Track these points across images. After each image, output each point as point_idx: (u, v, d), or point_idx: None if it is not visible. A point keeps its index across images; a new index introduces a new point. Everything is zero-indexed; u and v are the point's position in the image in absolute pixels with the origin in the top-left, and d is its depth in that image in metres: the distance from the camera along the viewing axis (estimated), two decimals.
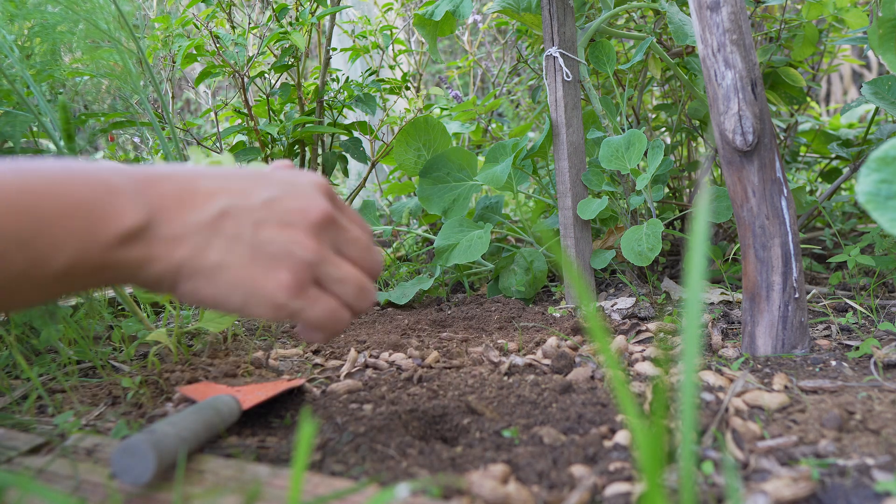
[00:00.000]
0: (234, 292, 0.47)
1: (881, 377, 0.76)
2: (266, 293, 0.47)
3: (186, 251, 0.45)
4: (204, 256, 0.46)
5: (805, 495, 0.52)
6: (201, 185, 0.47)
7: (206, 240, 0.46)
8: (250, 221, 0.47)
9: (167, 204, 0.46)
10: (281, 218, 0.48)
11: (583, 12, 1.38)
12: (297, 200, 0.50)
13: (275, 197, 0.49)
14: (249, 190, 0.49)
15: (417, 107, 1.53)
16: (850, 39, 1.17)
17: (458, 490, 0.54)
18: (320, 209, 0.50)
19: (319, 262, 0.49)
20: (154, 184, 0.46)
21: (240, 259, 0.47)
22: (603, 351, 0.33)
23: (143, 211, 0.44)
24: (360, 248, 0.53)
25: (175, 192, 0.46)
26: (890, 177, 0.55)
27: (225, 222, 0.47)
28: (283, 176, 0.52)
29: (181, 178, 0.47)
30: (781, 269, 0.85)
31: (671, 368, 0.38)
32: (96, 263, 0.43)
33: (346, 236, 0.53)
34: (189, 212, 0.46)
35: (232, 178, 0.50)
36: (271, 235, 0.48)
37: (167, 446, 0.54)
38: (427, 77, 3.17)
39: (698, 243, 0.33)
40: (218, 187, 0.48)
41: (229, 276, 0.46)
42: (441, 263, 1.26)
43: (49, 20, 1.02)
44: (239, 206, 0.47)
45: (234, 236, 0.47)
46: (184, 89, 2.51)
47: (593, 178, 1.19)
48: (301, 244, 0.48)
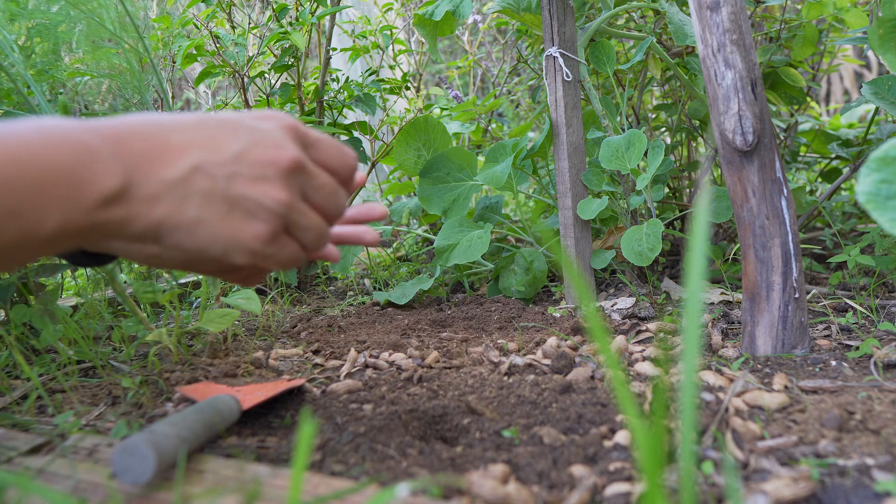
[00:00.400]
0: (214, 243, 0.49)
1: (881, 377, 0.76)
2: (243, 243, 0.50)
3: (164, 209, 0.47)
4: (181, 213, 0.47)
5: (805, 495, 0.52)
6: (172, 139, 0.48)
7: (182, 197, 0.47)
8: (223, 175, 0.49)
9: (141, 162, 0.47)
10: (252, 171, 0.50)
11: (583, 12, 1.38)
12: (267, 150, 0.51)
13: (245, 148, 0.50)
14: (219, 142, 0.50)
15: (417, 107, 1.53)
16: (850, 39, 1.17)
17: (458, 490, 0.54)
18: (288, 158, 0.52)
19: (289, 212, 0.52)
20: (126, 141, 0.47)
21: (216, 213, 0.49)
22: (603, 351, 0.33)
23: (121, 172, 0.45)
24: (325, 193, 0.55)
25: (147, 149, 0.47)
26: (890, 177, 0.55)
27: (198, 178, 0.48)
28: (251, 122, 0.53)
29: (151, 132, 0.48)
30: (781, 269, 0.85)
31: (671, 368, 0.38)
32: (81, 225, 0.44)
33: (314, 183, 0.54)
34: (163, 169, 0.47)
35: (201, 128, 0.50)
36: (244, 189, 0.49)
37: (167, 446, 0.54)
38: (427, 77, 3.17)
39: (698, 243, 0.33)
40: (188, 141, 0.49)
41: (208, 230, 0.48)
42: (441, 263, 1.26)
43: (50, 20, 1.02)
44: (210, 161, 0.49)
45: (209, 191, 0.48)
46: (184, 89, 2.51)
47: (593, 178, 1.19)
48: (272, 197, 0.50)
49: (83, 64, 1.17)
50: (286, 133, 0.53)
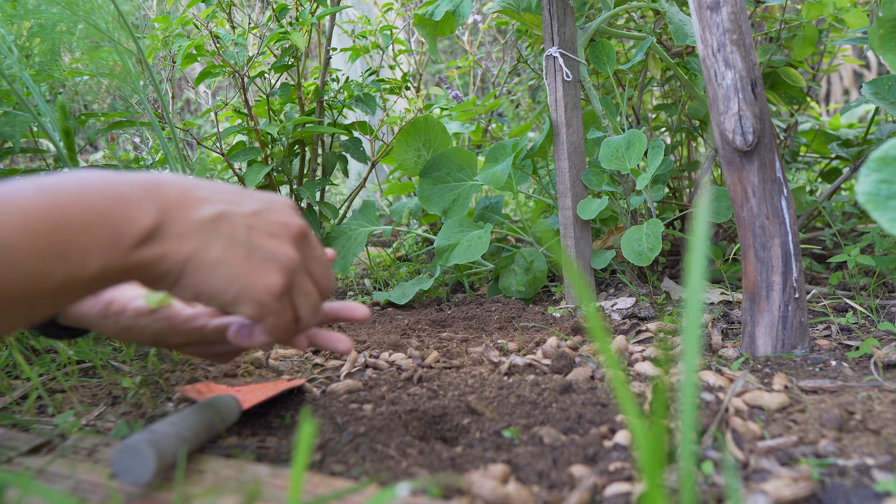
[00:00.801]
0: (230, 286, 0.52)
1: (881, 377, 0.76)
2: (256, 291, 0.53)
3: (192, 246, 0.50)
4: (207, 252, 0.51)
5: (805, 495, 0.52)
6: (198, 191, 0.53)
7: (209, 237, 0.51)
8: (244, 225, 0.53)
9: (173, 205, 0.51)
10: (268, 228, 0.55)
11: (583, 12, 1.38)
12: (279, 215, 0.56)
13: (260, 209, 0.55)
14: (238, 200, 0.55)
15: (417, 107, 1.53)
16: (850, 39, 1.17)
17: (458, 490, 0.54)
18: (298, 225, 0.57)
19: (297, 271, 0.56)
20: (159, 188, 0.51)
21: (237, 257, 0.52)
22: (603, 351, 0.33)
23: (155, 212, 0.49)
24: (321, 266, 0.60)
25: (178, 195, 0.52)
26: (890, 177, 0.55)
27: (222, 223, 0.52)
28: (260, 195, 0.58)
29: (180, 184, 0.53)
30: (781, 269, 0.85)
31: (671, 368, 0.38)
32: (121, 266, 0.48)
33: (313, 254, 0.59)
34: (192, 211, 0.51)
35: (222, 189, 0.55)
36: (262, 241, 0.54)
37: (167, 446, 0.54)
38: (427, 77, 3.17)
39: (698, 243, 0.33)
40: (213, 194, 0.54)
41: (227, 272, 0.52)
42: (441, 263, 1.26)
43: (48, 20, 1.02)
44: (232, 212, 0.53)
45: (231, 236, 0.52)
46: (184, 89, 2.51)
47: (593, 178, 1.19)
48: (286, 253, 0.55)
49: (81, 64, 1.17)
50: (291, 208, 0.59)
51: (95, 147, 3.37)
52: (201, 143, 1.48)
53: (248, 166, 1.40)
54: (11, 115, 1.05)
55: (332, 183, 1.54)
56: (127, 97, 1.14)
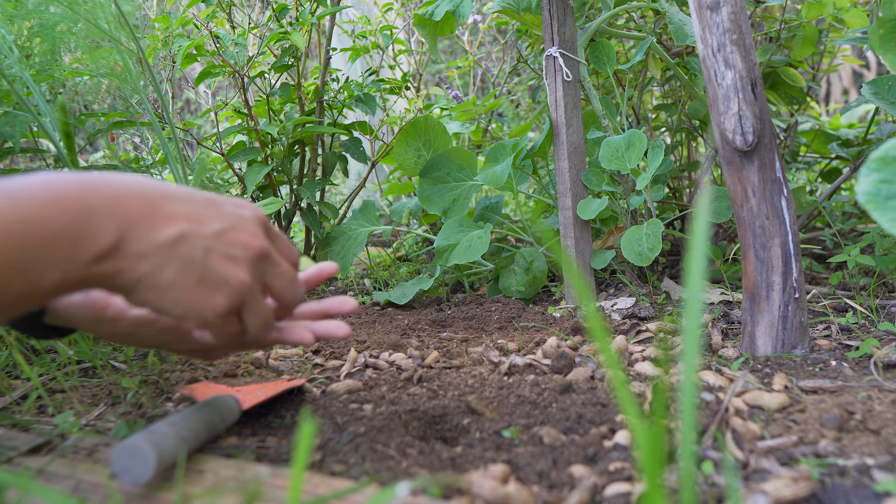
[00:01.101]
0: (177, 306, 0.54)
1: (881, 377, 0.76)
2: (201, 312, 0.55)
3: (147, 268, 0.52)
4: (160, 274, 0.52)
5: (805, 495, 0.52)
6: (165, 207, 0.54)
7: (165, 259, 0.52)
8: (202, 248, 0.54)
9: (135, 222, 0.52)
10: (226, 250, 0.56)
11: (583, 12, 1.38)
12: (242, 234, 0.57)
13: (224, 229, 0.56)
14: (204, 218, 0.56)
15: (417, 107, 1.53)
16: (850, 39, 1.17)
17: (458, 490, 0.54)
18: (258, 246, 0.58)
19: (247, 293, 0.57)
20: (123, 201, 0.52)
21: (188, 280, 0.54)
22: (603, 351, 0.33)
23: (116, 230, 0.50)
24: (285, 280, 0.61)
25: (142, 210, 0.52)
26: (890, 177, 0.55)
27: (181, 245, 0.53)
28: (231, 209, 0.59)
29: (147, 196, 0.53)
30: (781, 269, 0.85)
31: (671, 368, 0.38)
32: (77, 279, 0.49)
33: (275, 270, 0.60)
34: (153, 231, 0.52)
35: (191, 202, 0.56)
36: (217, 264, 0.55)
37: (167, 446, 0.54)
38: (427, 77, 3.17)
39: (698, 243, 0.33)
40: (178, 211, 0.54)
41: (176, 294, 0.53)
42: (441, 263, 1.26)
43: (49, 20, 1.02)
44: (194, 233, 0.54)
45: (187, 260, 0.54)
46: (184, 89, 2.51)
47: (593, 178, 1.19)
48: (238, 277, 0.56)
49: (82, 64, 1.17)
50: (257, 223, 0.59)
51: (95, 147, 3.37)
52: (201, 143, 1.48)
53: (248, 166, 1.40)
54: (11, 115, 1.05)
55: (332, 183, 1.54)
56: (127, 97, 1.14)
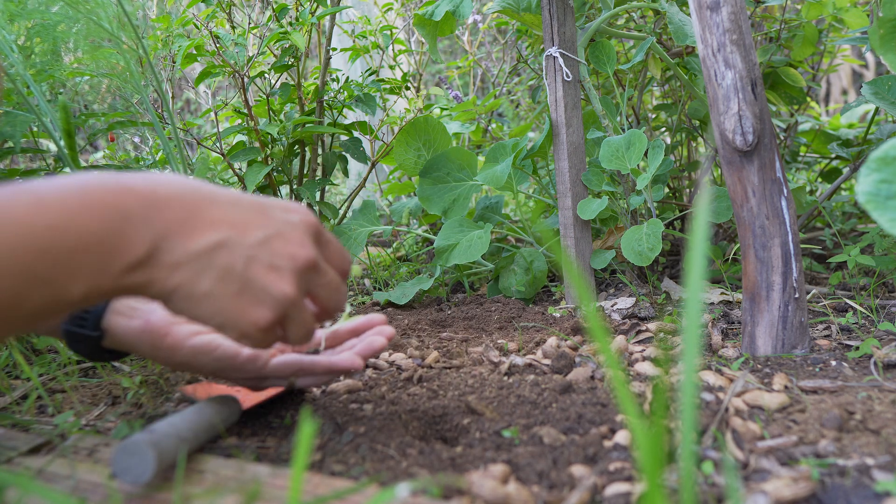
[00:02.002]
0: (215, 317, 0.51)
1: (881, 377, 0.76)
2: (241, 324, 0.52)
3: (182, 277, 0.49)
4: (196, 284, 0.50)
5: (805, 495, 0.52)
6: (205, 213, 0.51)
7: (201, 269, 0.50)
8: (243, 257, 0.51)
9: (172, 229, 0.49)
10: (271, 259, 0.53)
11: (583, 12, 1.38)
12: (288, 244, 0.54)
13: (269, 237, 0.53)
14: (248, 225, 0.53)
15: (417, 107, 1.53)
16: (850, 39, 1.17)
17: (458, 490, 0.54)
18: (306, 257, 0.55)
19: (290, 306, 0.54)
20: (163, 206, 0.49)
21: (228, 291, 0.51)
22: (603, 351, 0.33)
23: (150, 239, 0.48)
24: (329, 290, 0.59)
25: (181, 217, 0.49)
26: (890, 177, 0.55)
27: (220, 253, 0.50)
28: (279, 215, 0.55)
29: (188, 201, 0.50)
30: (781, 269, 0.85)
31: (671, 368, 0.38)
32: (105, 290, 0.47)
33: (321, 280, 0.58)
34: (190, 239, 0.49)
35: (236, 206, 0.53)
36: (259, 275, 0.52)
37: (167, 446, 0.54)
38: (427, 77, 3.17)
39: (698, 243, 0.33)
40: (221, 217, 0.51)
41: (215, 304, 0.51)
42: (441, 263, 1.26)
43: (50, 20, 1.02)
44: (235, 241, 0.51)
45: (227, 268, 0.51)
46: (184, 89, 2.51)
47: (593, 178, 1.19)
48: (281, 289, 0.53)
49: (82, 64, 1.17)
50: (307, 231, 0.56)
51: (95, 147, 3.36)
52: (201, 143, 1.48)
53: (248, 166, 1.40)
54: (12, 115, 1.05)
55: (332, 183, 1.54)
56: (128, 97, 1.14)
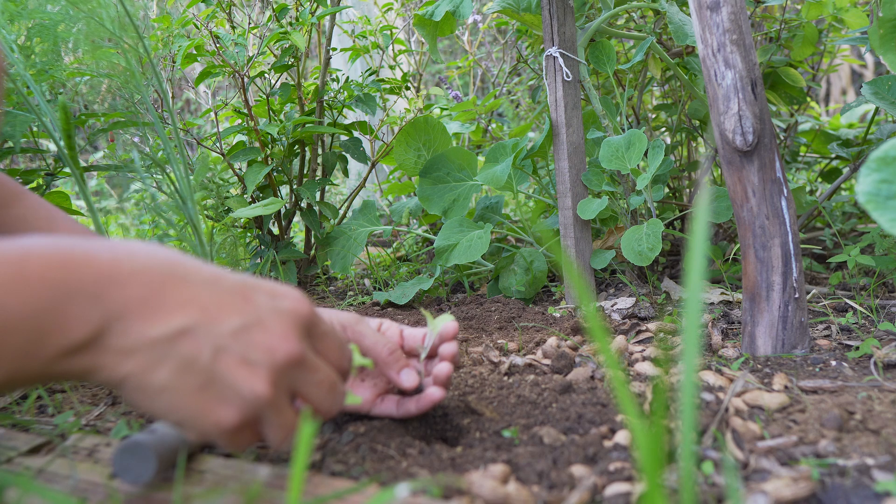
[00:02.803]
0: (171, 413, 0.44)
1: (881, 377, 0.76)
2: (202, 424, 0.45)
3: (134, 366, 0.42)
4: (151, 375, 0.43)
5: (805, 495, 0.52)
6: (172, 292, 0.44)
7: (158, 358, 0.43)
8: (211, 347, 0.44)
9: (128, 310, 0.42)
10: (245, 352, 0.45)
11: (583, 12, 1.38)
12: (269, 335, 0.46)
13: (247, 325, 0.46)
14: (222, 310, 0.46)
15: (417, 107, 1.53)
16: (850, 39, 1.17)
17: (458, 490, 0.54)
18: (287, 352, 0.47)
19: (266, 408, 0.47)
20: (122, 282, 0.43)
21: (188, 386, 0.44)
22: (603, 351, 0.33)
23: (97, 321, 0.41)
24: (320, 390, 0.50)
25: (141, 296, 0.43)
26: (890, 177, 0.55)
27: (183, 341, 0.44)
28: (264, 301, 0.48)
29: (154, 277, 0.44)
30: (781, 269, 0.85)
31: (671, 368, 0.38)
32: (34, 374, 0.41)
33: (310, 378, 0.50)
34: (149, 323, 0.43)
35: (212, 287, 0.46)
36: (228, 369, 0.45)
37: (168, 446, 0.54)
38: (427, 77, 3.17)
39: (698, 243, 0.33)
40: (190, 298, 0.44)
41: (172, 400, 0.44)
42: (441, 263, 1.26)
43: (50, 20, 1.02)
44: (203, 327, 0.44)
45: (189, 360, 0.44)
46: (184, 89, 2.51)
47: (593, 178, 1.19)
48: (253, 388, 0.45)
49: (83, 64, 1.17)
50: (296, 322, 0.49)
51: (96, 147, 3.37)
52: (201, 143, 1.48)
53: (248, 166, 1.40)
54: (12, 115, 1.05)
55: (332, 183, 1.54)
56: (128, 97, 1.15)
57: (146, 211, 2.24)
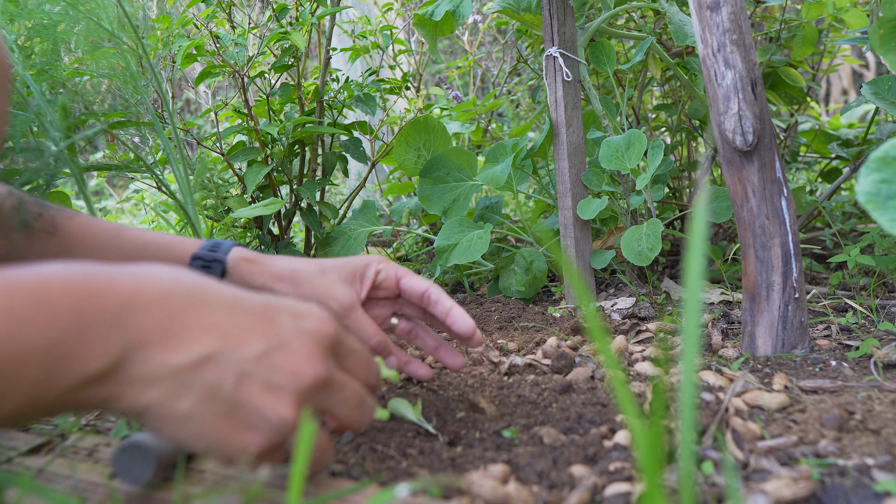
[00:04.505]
0: (197, 442, 0.44)
1: (881, 377, 0.76)
2: (229, 451, 0.45)
3: (155, 395, 0.42)
4: (173, 404, 0.42)
5: (805, 495, 0.52)
6: (193, 318, 0.44)
7: (180, 386, 0.42)
8: (234, 374, 0.44)
9: (147, 339, 0.42)
10: (268, 377, 0.45)
11: (583, 12, 1.38)
12: (293, 358, 0.46)
13: (270, 349, 0.46)
14: (245, 335, 0.45)
15: (417, 107, 1.53)
16: (850, 39, 1.17)
17: (458, 490, 0.54)
18: (313, 375, 0.46)
19: (291, 431, 0.46)
20: (142, 309, 0.42)
21: (212, 414, 0.43)
22: (603, 351, 0.33)
23: (116, 350, 0.41)
24: (349, 407, 0.50)
25: (160, 324, 0.42)
26: (890, 177, 0.55)
27: (206, 369, 0.43)
28: (287, 322, 0.47)
29: (173, 305, 0.43)
30: (781, 269, 0.85)
31: (671, 368, 0.38)
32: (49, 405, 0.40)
33: (338, 396, 0.49)
34: (169, 352, 0.42)
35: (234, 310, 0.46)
36: (252, 395, 0.44)
37: (168, 446, 0.54)
38: (427, 77, 3.17)
39: (698, 243, 0.33)
40: (211, 324, 0.44)
41: (196, 428, 0.43)
42: (441, 263, 1.26)
43: (50, 21, 1.02)
44: (226, 354, 0.44)
45: (212, 388, 0.43)
46: (184, 89, 2.51)
47: (593, 178, 1.19)
48: (279, 414, 0.45)
49: (83, 64, 1.17)
50: (320, 342, 0.48)
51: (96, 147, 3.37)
52: (201, 143, 1.48)
53: (248, 166, 1.40)
54: (12, 115, 1.05)
55: (332, 183, 1.54)
56: (128, 97, 1.15)
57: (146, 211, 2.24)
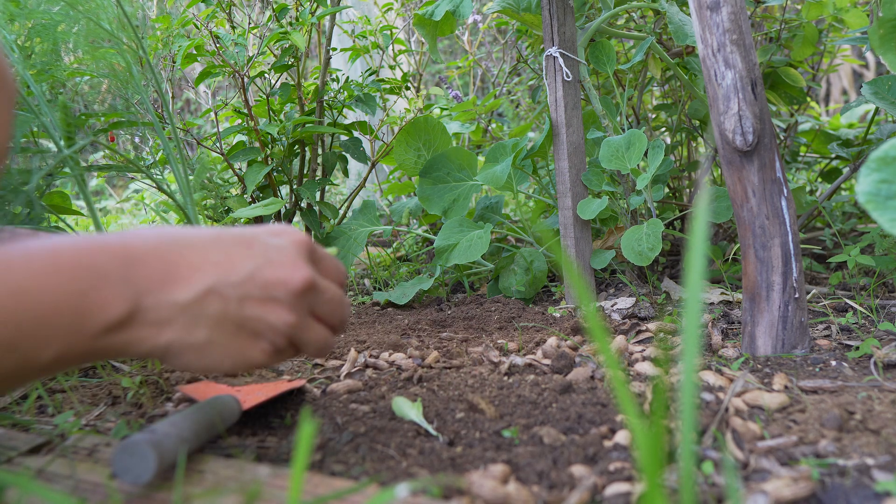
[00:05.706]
0: (224, 361, 0.51)
1: (881, 377, 0.76)
2: (250, 360, 0.52)
3: (174, 332, 0.48)
4: (192, 335, 0.49)
5: (805, 495, 0.52)
6: (185, 260, 0.49)
7: (194, 319, 0.49)
8: (235, 297, 0.50)
9: (152, 285, 0.47)
10: (263, 291, 0.52)
11: (583, 12, 1.38)
12: (279, 269, 0.53)
13: (258, 266, 0.52)
14: (234, 261, 0.51)
15: (417, 107, 1.53)
16: (850, 39, 1.17)
17: (458, 490, 0.54)
18: (300, 279, 0.53)
19: (295, 331, 0.54)
20: (139, 262, 0.47)
21: (226, 335, 0.50)
22: (603, 351, 0.33)
23: (130, 298, 0.46)
24: (332, 306, 0.57)
25: (159, 271, 0.48)
26: (890, 177, 0.55)
27: (211, 300, 0.49)
28: (266, 239, 0.54)
29: (167, 250, 0.49)
30: (781, 269, 0.85)
31: (671, 368, 0.38)
32: (82, 352, 0.45)
33: (322, 298, 0.56)
34: (175, 291, 0.48)
35: (217, 245, 0.52)
36: (254, 311, 0.51)
37: (168, 446, 0.54)
38: (427, 77, 3.17)
39: (698, 243, 0.33)
40: (203, 260, 0.50)
41: (218, 350, 0.50)
42: (441, 263, 1.26)
43: (50, 21, 1.02)
44: (224, 282, 0.50)
45: (220, 313, 0.50)
46: (184, 89, 2.51)
47: (593, 178, 1.19)
48: (280, 319, 0.52)
49: (82, 64, 1.17)
50: (299, 251, 0.55)
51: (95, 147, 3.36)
52: (201, 143, 1.48)
53: (248, 166, 1.40)
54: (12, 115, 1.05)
55: (332, 183, 1.54)
56: (128, 97, 1.15)
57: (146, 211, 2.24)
